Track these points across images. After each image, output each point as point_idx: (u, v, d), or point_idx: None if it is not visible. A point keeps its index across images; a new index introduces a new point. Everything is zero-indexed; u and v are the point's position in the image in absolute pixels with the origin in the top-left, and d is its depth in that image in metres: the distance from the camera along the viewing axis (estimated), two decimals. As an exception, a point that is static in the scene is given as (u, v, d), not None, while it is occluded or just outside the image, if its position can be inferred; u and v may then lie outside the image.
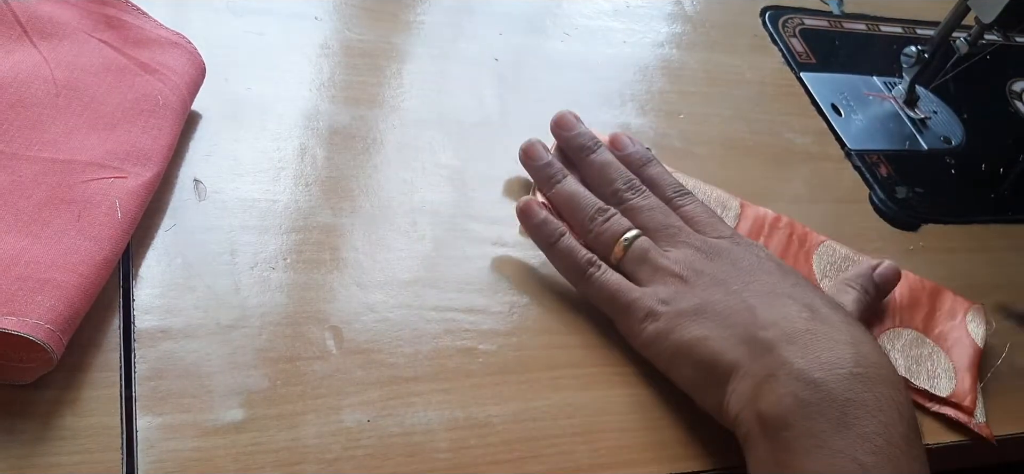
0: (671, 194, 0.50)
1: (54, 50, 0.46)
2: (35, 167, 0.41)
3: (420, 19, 0.62)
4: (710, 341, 0.42)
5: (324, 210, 0.48)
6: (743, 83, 0.66)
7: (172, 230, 0.44)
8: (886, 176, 0.63)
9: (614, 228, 0.48)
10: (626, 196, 0.50)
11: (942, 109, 0.71)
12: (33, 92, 0.44)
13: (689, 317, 0.44)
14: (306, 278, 0.44)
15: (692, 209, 0.49)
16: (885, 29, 0.78)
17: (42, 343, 0.35)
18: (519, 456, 0.41)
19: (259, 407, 0.39)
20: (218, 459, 0.37)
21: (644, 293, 0.45)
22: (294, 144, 0.50)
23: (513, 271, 0.48)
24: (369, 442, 0.39)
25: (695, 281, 0.45)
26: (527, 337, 0.45)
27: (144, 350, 0.39)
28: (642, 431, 0.43)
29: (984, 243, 0.60)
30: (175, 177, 0.46)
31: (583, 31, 0.66)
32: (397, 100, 0.55)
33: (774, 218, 0.55)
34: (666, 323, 0.44)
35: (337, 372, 0.41)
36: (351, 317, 0.43)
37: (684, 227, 0.48)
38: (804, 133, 0.64)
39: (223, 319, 0.41)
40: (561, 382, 0.44)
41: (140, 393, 0.38)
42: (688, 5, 0.72)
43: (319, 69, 0.55)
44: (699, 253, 0.47)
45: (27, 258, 0.38)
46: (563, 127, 0.53)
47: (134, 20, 0.49)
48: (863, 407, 0.38)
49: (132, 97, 0.45)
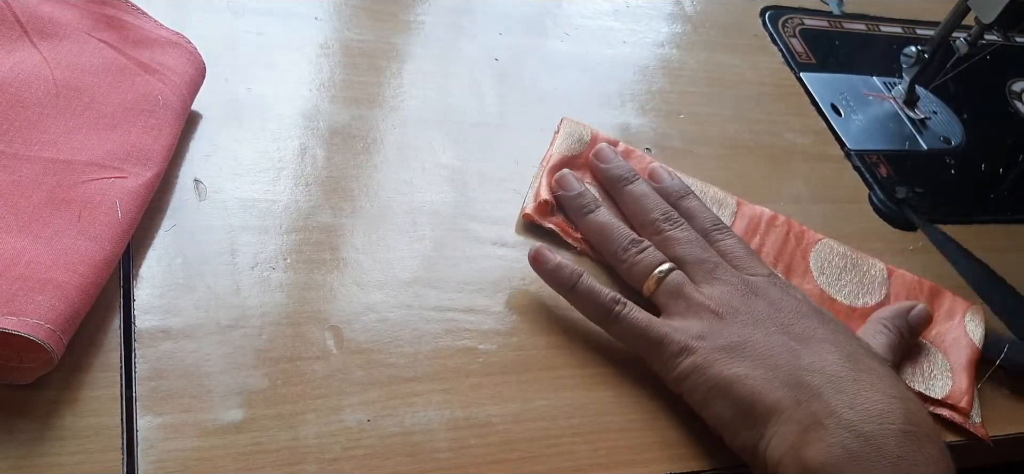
0: (709, 227, 0.50)
1: (54, 50, 0.46)
2: (35, 167, 0.41)
3: (420, 19, 0.62)
4: (750, 380, 0.41)
5: (324, 210, 0.48)
6: (743, 83, 0.66)
7: (172, 230, 0.44)
8: (886, 176, 0.63)
9: (648, 260, 0.47)
10: (663, 227, 0.49)
11: (942, 109, 0.71)
12: (33, 92, 0.44)
13: (728, 353, 0.43)
14: (306, 278, 0.44)
15: (730, 245, 0.49)
16: (885, 29, 0.78)
17: (42, 343, 0.35)
18: (519, 456, 0.41)
19: (259, 407, 0.39)
20: (218, 459, 0.37)
21: (676, 327, 0.44)
22: (294, 144, 0.50)
23: (513, 271, 0.48)
24: (369, 442, 0.39)
25: (731, 318, 0.44)
26: (527, 337, 0.45)
27: (144, 350, 0.39)
28: (642, 431, 0.43)
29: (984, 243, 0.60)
30: (175, 177, 0.46)
31: (583, 31, 0.66)
32: (397, 100, 0.55)
33: (771, 216, 0.55)
34: (703, 358, 0.43)
35: (337, 372, 0.41)
36: (351, 317, 0.43)
37: (721, 262, 0.48)
38: (804, 133, 0.64)
39: (223, 319, 0.41)
40: (561, 382, 0.44)
41: (140, 393, 0.38)
42: (688, 5, 0.72)
43: (319, 69, 0.55)
44: (736, 290, 0.46)
45: (27, 258, 0.38)
46: (601, 159, 0.53)
47: (134, 20, 0.49)
48: (915, 466, 0.38)
49: (132, 97, 0.45)
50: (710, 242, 0.49)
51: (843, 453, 0.38)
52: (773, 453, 0.40)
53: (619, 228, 0.49)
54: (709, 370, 0.42)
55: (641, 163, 0.55)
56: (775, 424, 0.40)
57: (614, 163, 0.53)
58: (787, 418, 0.40)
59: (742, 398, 0.41)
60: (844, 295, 0.52)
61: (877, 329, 0.49)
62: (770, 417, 0.41)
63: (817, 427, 0.39)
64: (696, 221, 0.50)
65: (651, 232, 0.49)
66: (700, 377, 0.42)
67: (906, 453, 0.38)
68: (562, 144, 0.54)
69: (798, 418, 0.40)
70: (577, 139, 0.55)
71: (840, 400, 0.40)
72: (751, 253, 0.49)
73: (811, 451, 0.38)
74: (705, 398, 0.42)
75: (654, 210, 0.50)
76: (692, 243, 0.48)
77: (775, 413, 0.40)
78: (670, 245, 0.48)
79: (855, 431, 0.38)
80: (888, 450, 0.38)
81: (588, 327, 0.46)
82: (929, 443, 0.39)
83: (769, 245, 0.53)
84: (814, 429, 0.39)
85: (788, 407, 0.40)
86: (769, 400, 0.41)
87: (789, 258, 0.53)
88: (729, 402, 0.42)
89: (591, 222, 0.50)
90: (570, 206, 0.51)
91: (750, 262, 0.48)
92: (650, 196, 0.51)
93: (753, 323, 0.44)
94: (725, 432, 0.42)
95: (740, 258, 0.48)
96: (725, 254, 0.48)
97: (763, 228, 0.54)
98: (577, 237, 0.50)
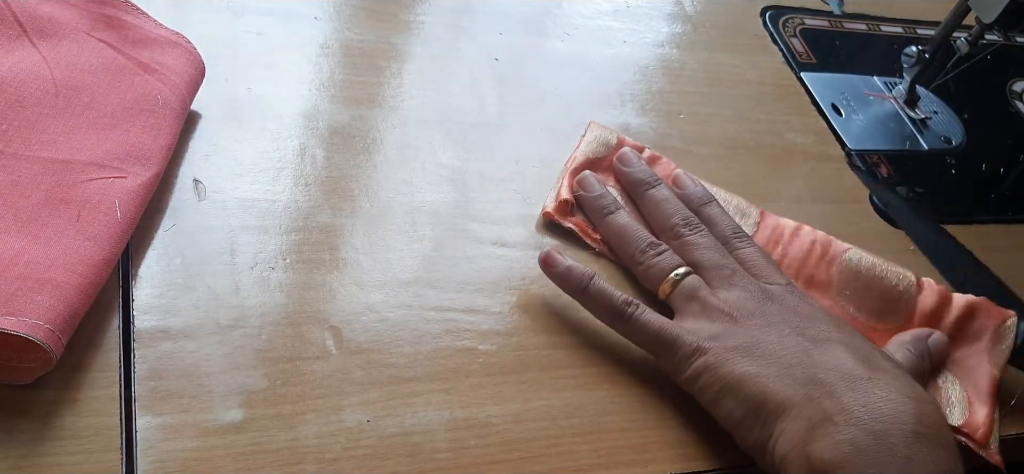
0: (730, 234, 0.50)
1: (53, 50, 0.46)
2: (34, 167, 0.41)
3: (420, 19, 0.61)
4: (761, 377, 0.41)
5: (324, 210, 0.47)
6: (743, 83, 0.66)
7: (172, 230, 0.44)
8: (886, 176, 0.63)
9: (665, 263, 0.47)
10: (683, 232, 0.49)
11: (942, 109, 0.71)
12: (32, 92, 0.44)
13: (740, 353, 0.43)
14: (306, 278, 0.44)
15: (749, 253, 0.49)
16: (885, 29, 0.78)
17: (41, 343, 0.35)
18: (519, 456, 0.41)
19: (259, 407, 0.39)
20: (218, 459, 0.37)
21: (689, 329, 0.44)
22: (294, 144, 0.50)
23: (513, 271, 0.48)
24: (369, 442, 0.39)
25: (745, 321, 0.44)
26: (527, 337, 0.45)
27: (143, 350, 0.39)
28: (642, 431, 0.43)
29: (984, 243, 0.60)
30: (175, 177, 0.46)
31: (583, 31, 0.66)
32: (397, 100, 0.55)
33: (794, 228, 0.53)
34: (714, 357, 0.43)
35: (337, 372, 0.41)
36: (351, 317, 0.43)
37: (739, 269, 0.47)
38: (804, 133, 0.64)
39: (223, 319, 0.41)
40: (561, 382, 0.44)
41: (140, 393, 0.38)
42: (688, 5, 0.72)
43: (319, 69, 0.55)
44: (752, 296, 0.46)
45: (26, 258, 0.38)
46: (624, 162, 0.53)
47: (134, 20, 0.49)
48: (923, 467, 0.37)
49: (132, 97, 0.45)
50: (729, 250, 0.49)
51: (851, 451, 0.38)
52: (781, 449, 0.40)
53: (637, 231, 0.49)
54: (721, 369, 0.42)
55: (667, 169, 0.54)
56: (784, 420, 0.40)
57: (636, 167, 0.53)
58: (796, 414, 0.40)
59: (753, 396, 0.41)
60: (865, 313, 0.51)
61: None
62: (780, 414, 0.40)
63: (827, 423, 0.39)
64: (716, 228, 0.50)
65: (670, 236, 0.49)
66: (711, 376, 0.42)
67: (916, 454, 0.37)
68: (587, 147, 0.54)
69: (808, 414, 0.40)
70: (602, 142, 0.55)
71: (852, 398, 0.39)
72: (770, 262, 0.49)
73: (818, 446, 0.38)
74: (716, 397, 0.42)
75: (674, 215, 0.50)
76: (710, 249, 0.48)
77: (785, 410, 0.40)
78: (688, 250, 0.48)
79: (865, 429, 0.38)
80: (897, 450, 0.37)
81: (588, 327, 0.46)
82: (941, 447, 0.38)
83: (792, 255, 0.52)
84: (823, 425, 0.39)
85: (799, 404, 0.40)
86: (780, 397, 0.41)
87: (812, 270, 0.52)
88: (740, 400, 0.42)
89: (610, 223, 0.50)
90: (590, 207, 0.51)
91: (769, 271, 0.48)
92: (671, 201, 0.51)
93: (767, 325, 0.44)
94: (736, 431, 0.42)
95: (759, 266, 0.48)
96: (743, 262, 0.48)
97: (786, 239, 0.53)
98: (596, 238, 0.50)
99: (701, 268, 0.47)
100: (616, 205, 0.51)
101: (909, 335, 0.49)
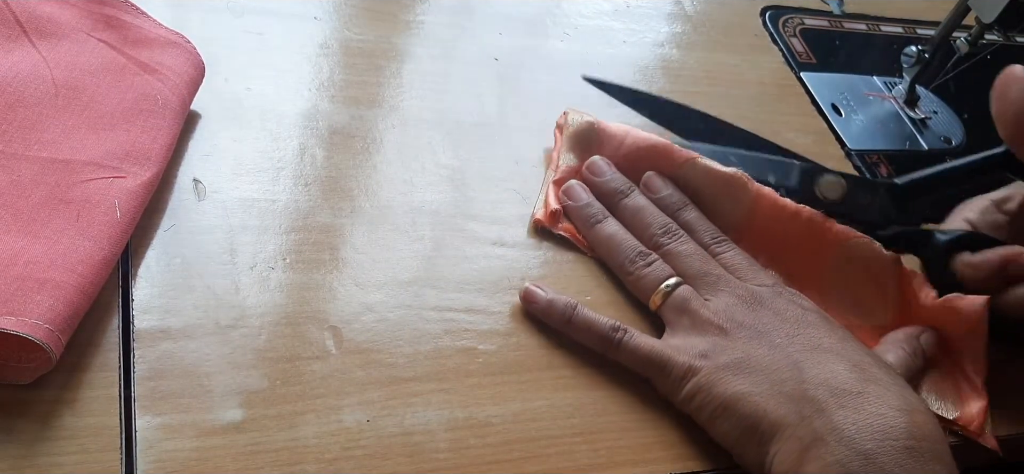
0: (709, 240, 0.49)
1: (53, 50, 0.46)
2: (34, 167, 0.41)
3: (420, 19, 0.61)
4: (753, 397, 0.41)
5: (324, 210, 0.47)
6: (743, 83, 0.66)
7: (171, 230, 0.44)
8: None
9: (655, 274, 0.47)
10: (662, 241, 0.49)
11: (942, 109, 0.71)
12: (32, 92, 0.44)
13: (731, 371, 0.42)
14: (306, 278, 0.44)
15: (731, 256, 0.48)
16: (885, 29, 0.78)
17: (41, 343, 0.35)
18: (519, 456, 0.41)
19: (258, 407, 0.39)
20: (217, 459, 0.37)
21: (679, 347, 0.44)
22: (294, 144, 0.50)
23: (513, 271, 0.48)
24: (369, 442, 0.39)
25: (736, 333, 0.44)
26: (527, 337, 0.45)
27: (143, 350, 0.39)
28: (642, 431, 0.43)
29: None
30: (174, 177, 0.46)
31: (583, 31, 0.66)
32: (397, 100, 0.55)
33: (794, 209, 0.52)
34: (706, 377, 0.42)
35: (337, 372, 0.41)
36: (351, 317, 0.43)
37: (724, 274, 0.47)
38: (804, 133, 0.64)
39: (222, 319, 0.41)
40: (561, 382, 0.44)
41: (139, 393, 0.38)
42: (688, 5, 0.72)
43: (319, 69, 0.55)
44: (740, 302, 0.45)
45: (26, 258, 0.38)
46: (594, 172, 0.52)
47: (133, 20, 0.49)
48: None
49: (131, 97, 0.45)
50: (712, 255, 0.49)
51: (840, 471, 0.37)
52: (777, 470, 0.40)
53: (626, 240, 0.49)
54: (713, 389, 0.42)
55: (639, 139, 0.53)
56: (778, 441, 0.40)
57: (607, 176, 0.52)
58: (790, 435, 0.40)
59: (746, 416, 0.41)
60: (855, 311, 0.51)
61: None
62: (774, 434, 0.40)
63: (818, 444, 0.39)
64: (696, 234, 0.50)
65: (651, 246, 0.49)
66: (705, 397, 0.42)
67: (907, 471, 0.37)
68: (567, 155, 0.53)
69: (800, 435, 0.39)
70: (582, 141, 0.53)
71: (842, 416, 0.39)
72: (753, 264, 0.49)
73: (810, 470, 0.38)
74: (712, 418, 0.42)
75: (652, 224, 0.50)
76: (693, 256, 0.48)
77: (778, 430, 0.40)
78: (671, 259, 0.48)
79: (855, 448, 0.38)
80: (888, 469, 0.37)
81: (588, 327, 0.46)
82: (933, 459, 0.38)
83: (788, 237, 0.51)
84: (815, 446, 0.39)
85: (792, 423, 0.40)
86: (773, 417, 0.40)
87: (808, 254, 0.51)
88: (734, 421, 0.41)
89: (598, 233, 0.50)
90: (577, 217, 0.51)
91: (753, 273, 0.48)
92: (647, 209, 0.50)
93: (758, 336, 0.44)
94: (733, 450, 0.42)
95: (743, 269, 0.48)
96: (728, 266, 0.48)
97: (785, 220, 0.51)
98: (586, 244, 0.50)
99: (686, 277, 0.47)
100: (603, 214, 0.50)
101: (902, 333, 0.49)
